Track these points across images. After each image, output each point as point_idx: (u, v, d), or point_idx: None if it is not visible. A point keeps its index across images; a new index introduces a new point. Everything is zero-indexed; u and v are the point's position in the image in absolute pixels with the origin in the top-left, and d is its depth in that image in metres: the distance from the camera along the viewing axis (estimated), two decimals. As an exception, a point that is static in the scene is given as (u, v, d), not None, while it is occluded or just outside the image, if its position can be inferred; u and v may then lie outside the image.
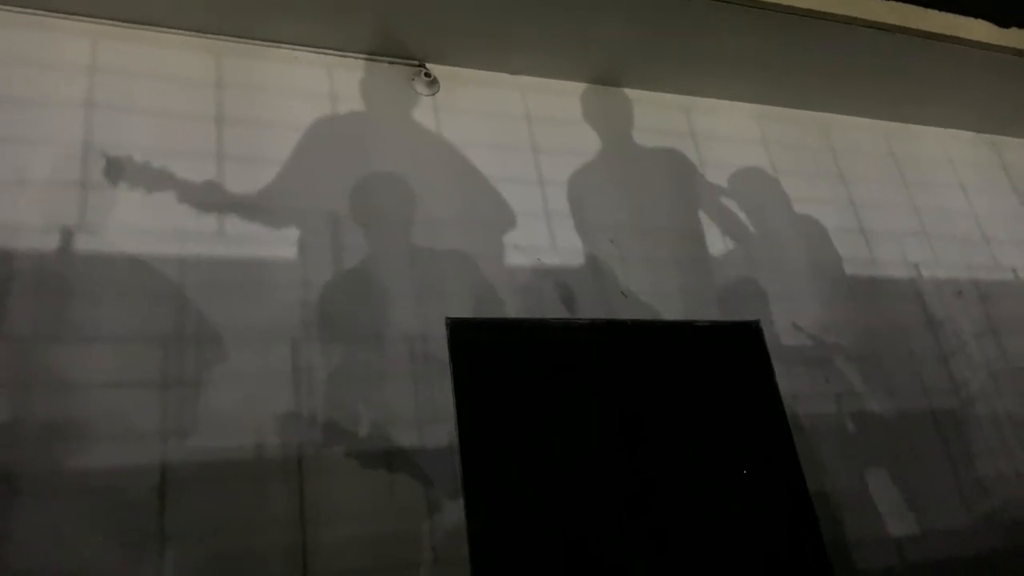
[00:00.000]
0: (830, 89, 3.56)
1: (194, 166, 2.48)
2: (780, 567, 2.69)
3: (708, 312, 3.00)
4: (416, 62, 2.99)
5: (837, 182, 3.60)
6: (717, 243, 3.19)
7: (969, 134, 4.11)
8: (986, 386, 3.34)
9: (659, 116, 3.35)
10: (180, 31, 2.66)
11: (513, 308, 2.70)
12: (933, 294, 3.48)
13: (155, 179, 2.42)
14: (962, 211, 3.84)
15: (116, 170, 2.37)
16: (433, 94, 2.97)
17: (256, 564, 2.04)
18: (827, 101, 3.68)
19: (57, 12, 2.49)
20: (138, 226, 2.34)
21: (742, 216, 3.29)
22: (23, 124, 2.34)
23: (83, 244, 2.25)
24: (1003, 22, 3.43)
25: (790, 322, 3.12)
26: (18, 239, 2.20)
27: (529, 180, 2.96)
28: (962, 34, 3.37)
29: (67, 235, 2.24)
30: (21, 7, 2.46)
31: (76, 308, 2.16)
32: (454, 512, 2.31)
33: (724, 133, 3.45)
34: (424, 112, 2.93)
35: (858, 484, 2.94)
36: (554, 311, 2.77)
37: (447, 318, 2.58)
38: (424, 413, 2.41)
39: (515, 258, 2.79)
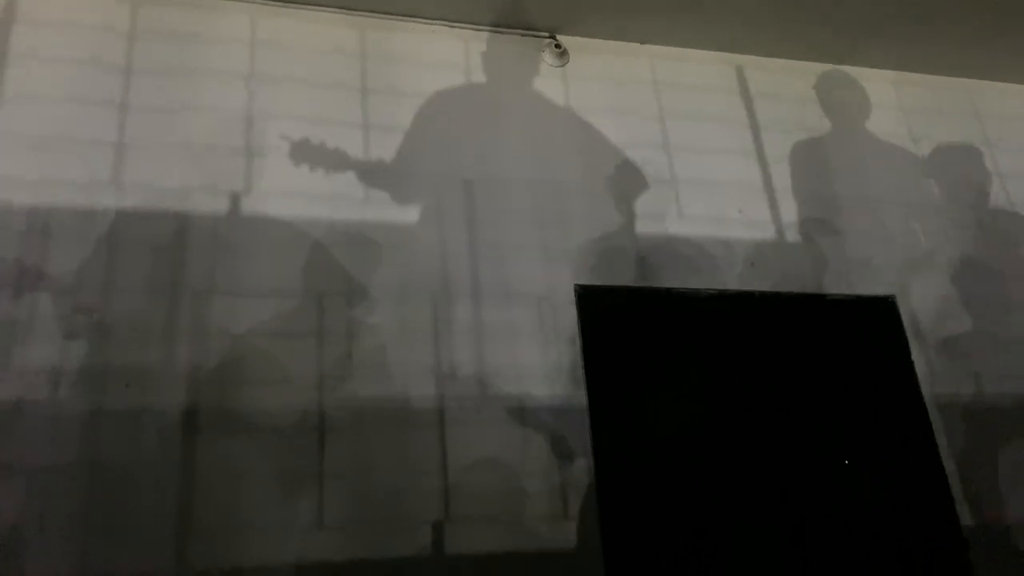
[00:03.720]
0: (975, 53, 3.35)
1: (341, 133, 2.63)
2: (915, 549, 2.62)
3: (843, 286, 2.92)
4: (546, 33, 3.04)
5: (986, 152, 3.40)
6: (852, 215, 3.09)
7: None
8: None
9: (790, 83, 3.27)
10: (328, 8, 2.81)
11: (640, 275, 2.73)
12: (1091, 273, 3.24)
13: (306, 147, 2.59)
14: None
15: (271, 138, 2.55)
16: (563, 65, 3.02)
17: (401, 503, 2.19)
18: (971, 66, 3.47)
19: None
20: (291, 190, 2.52)
21: (881, 188, 3.16)
22: (191, 94, 2.55)
23: (247, 207, 2.44)
24: None
25: (931, 299, 2.99)
26: (190, 201, 2.41)
27: (656, 146, 2.96)
28: None
29: (234, 198, 2.44)
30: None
31: (241, 265, 2.35)
32: (582, 471, 2.38)
33: (860, 100, 3.31)
34: (554, 82, 2.98)
35: (994, 466, 2.80)
36: (682, 281, 2.77)
37: (576, 285, 2.64)
38: (553, 373, 2.48)
39: (643, 225, 2.80)
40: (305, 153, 2.57)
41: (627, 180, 2.88)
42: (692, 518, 2.45)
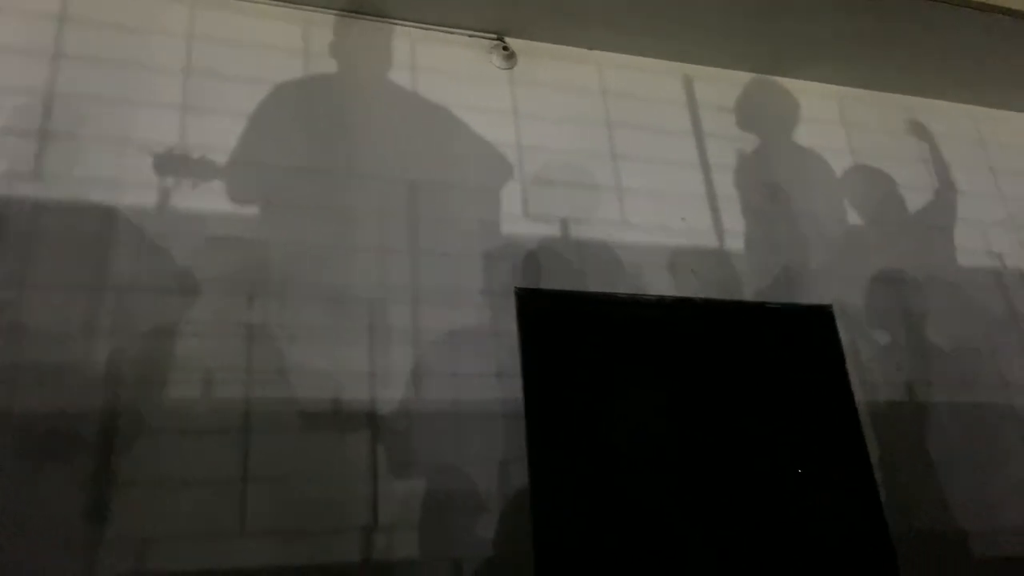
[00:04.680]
0: (918, 72, 3.44)
1: (280, 132, 2.58)
2: (844, 556, 2.66)
3: (780, 295, 2.96)
4: (495, 35, 3.02)
5: (921, 167, 3.49)
6: (794, 225, 3.14)
7: (1066, 122, 3.91)
8: (1071, 383, 3.21)
9: (737, 94, 3.31)
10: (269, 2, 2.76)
11: (582, 280, 2.73)
12: (1017, 285, 3.35)
13: (242, 145, 2.53)
14: (1053, 201, 3.67)
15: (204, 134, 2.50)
16: (510, 68, 3.01)
17: (329, 509, 2.14)
18: (913, 84, 3.56)
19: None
20: (227, 186, 2.45)
21: (820, 199, 3.22)
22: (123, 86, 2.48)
23: (176, 202, 2.38)
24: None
25: (866, 308, 3.05)
26: (117, 195, 2.33)
27: (602, 155, 2.97)
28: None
29: (163, 193, 2.37)
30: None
31: (168, 261, 2.29)
32: (520, 473, 2.36)
33: (805, 114, 3.37)
34: (500, 85, 2.96)
35: (929, 476, 2.87)
36: (623, 287, 2.78)
37: (516, 288, 2.63)
38: (491, 377, 2.46)
39: (586, 231, 2.81)
40: (241, 151, 2.51)
41: (571, 186, 2.88)
42: (626, 523, 2.45)
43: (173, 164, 2.42)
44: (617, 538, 2.43)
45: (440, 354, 2.45)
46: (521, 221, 2.76)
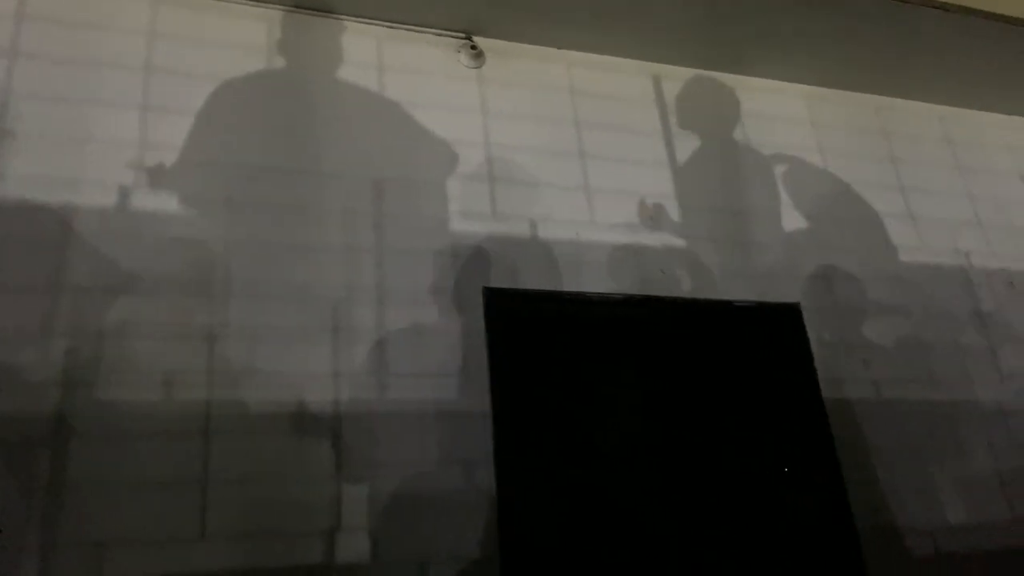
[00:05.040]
0: (886, 71, 3.47)
1: (242, 133, 2.55)
2: (812, 554, 2.67)
3: (748, 293, 2.97)
4: (463, 34, 3.01)
5: (888, 166, 3.52)
6: (761, 225, 3.15)
7: (1031, 121, 3.97)
8: (1035, 379, 3.25)
9: (705, 95, 3.32)
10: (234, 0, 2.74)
11: (549, 281, 2.72)
12: (984, 284, 3.39)
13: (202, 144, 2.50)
14: (1019, 200, 3.71)
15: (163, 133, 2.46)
16: (479, 67, 2.99)
17: (291, 511, 2.12)
18: (882, 84, 3.60)
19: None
20: (186, 187, 2.42)
21: (787, 198, 3.24)
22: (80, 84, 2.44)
23: (136, 202, 2.34)
24: (1071, 3, 3.30)
25: (833, 306, 3.07)
26: (75, 195, 2.30)
27: (570, 154, 2.96)
28: (1025, 15, 3.25)
29: (123, 192, 2.33)
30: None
31: (127, 261, 2.25)
32: (487, 474, 2.35)
33: (773, 113, 3.39)
34: (468, 84, 2.95)
35: (896, 473, 2.89)
36: (591, 286, 2.78)
37: (484, 288, 2.61)
38: (458, 378, 2.45)
39: (554, 230, 2.80)
40: (203, 150, 2.48)
41: (539, 185, 2.88)
42: (594, 524, 2.44)
43: (133, 163, 2.38)
44: (585, 539, 2.42)
45: (405, 354, 2.43)
46: (489, 220, 2.75)
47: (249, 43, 2.69)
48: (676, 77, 3.29)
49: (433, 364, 2.45)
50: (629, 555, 2.44)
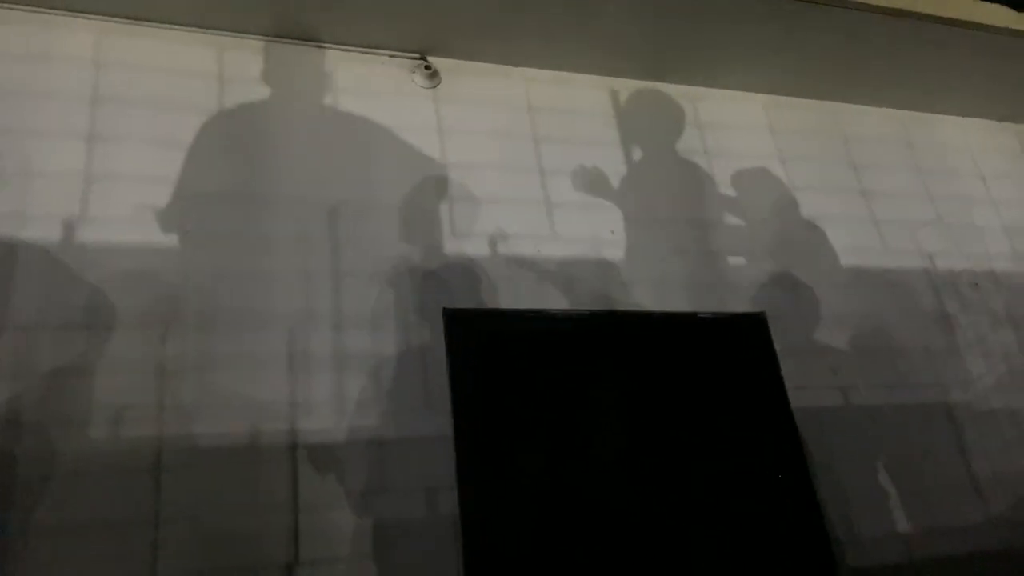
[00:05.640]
0: (843, 78, 3.50)
1: (198, 158, 2.52)
2: (784, 561, 2.64)
3: (712, 303, 2.96)
4: (417, 55, 3.00)
5: (849, 171, 3.53)
6: (723, 234, 3.15)
7: (989, 122, 4.00)
8: (1003, 379, 3.25)
9: (662, 106, 3.32)
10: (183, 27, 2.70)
11: (511, 299, 2.69)
12: (948, 285, 3.40)
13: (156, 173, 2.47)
14: (981, 201, 3.75)
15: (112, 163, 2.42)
16: (434, 87, 2.98)
17: (248, 546, 2.06)
18: (840, 90, 3.62)
19: (61, 9, 2.55)
20: (133, 217, 2.38)
21: (750, 206, 3.24)
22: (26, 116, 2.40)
23: (82, 235, 2.29)
24: (1021, 7, 3.34)
25: (798, 313, 3.06)
26: (24, 228, 2.25)
27: (530, 170, 2.95)
28: (979, 19, 3.28)
29: (68, 225, 2.29)
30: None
31: (73, 296, 2.20)
32: (449, 500, 2.30)
33: (732, 122, 3.40)
34: (424, 104, 2.93)
35: (867, 479, 2.88)
36: (554, 302, 2.76)
37: (444, 308, 2.58)
38: (417, 402, 2.41)
39: (515, 247, 2.78)
40: (153, 179, 2.44)
41: (499, 201, 2.85)
42: (559, 547, 2.40)
43: (80, 194, 2.34)
44: (552, 563, 2.38)
45: (364, 379, 2.39)
46: (448, 239, 2.72)
47: (197, 70, 2.66)
48: (632, 90, 3.30)
49: (393, 389, 2.41)
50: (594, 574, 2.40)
